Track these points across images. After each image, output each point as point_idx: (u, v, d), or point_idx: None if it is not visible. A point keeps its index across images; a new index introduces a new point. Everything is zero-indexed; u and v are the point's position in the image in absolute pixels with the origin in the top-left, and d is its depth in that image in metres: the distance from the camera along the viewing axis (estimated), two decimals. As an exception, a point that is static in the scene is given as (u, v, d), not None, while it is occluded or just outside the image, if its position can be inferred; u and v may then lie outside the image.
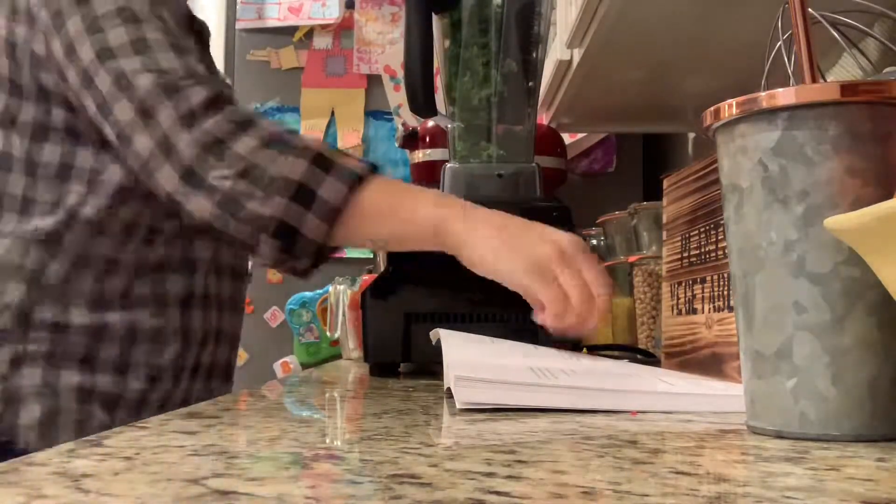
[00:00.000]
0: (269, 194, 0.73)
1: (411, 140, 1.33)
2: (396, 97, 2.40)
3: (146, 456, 0.35)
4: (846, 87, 0.40)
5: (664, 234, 0.79)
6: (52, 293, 0.86)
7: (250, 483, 0.30)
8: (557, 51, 1.19)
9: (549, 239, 0.72)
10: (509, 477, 0.31)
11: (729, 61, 1.03)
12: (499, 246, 0.72)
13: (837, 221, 0.36)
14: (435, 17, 0.94)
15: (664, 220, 0.79)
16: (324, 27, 2.48)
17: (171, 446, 0.37)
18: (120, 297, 0.89)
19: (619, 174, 1.69)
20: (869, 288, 0.39)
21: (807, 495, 0.28)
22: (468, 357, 0.64)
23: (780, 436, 0.41)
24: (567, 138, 1.50)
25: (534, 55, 0.97)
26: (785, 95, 0.40)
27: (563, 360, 0.67)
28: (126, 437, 0.40)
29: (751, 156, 0.42)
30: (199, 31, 0.94)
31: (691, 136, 1.55)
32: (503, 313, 0.86)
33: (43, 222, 0.86)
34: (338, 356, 1.57)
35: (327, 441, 0.41)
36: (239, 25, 2.45)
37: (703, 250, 0.68)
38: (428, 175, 1.30)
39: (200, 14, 1.08)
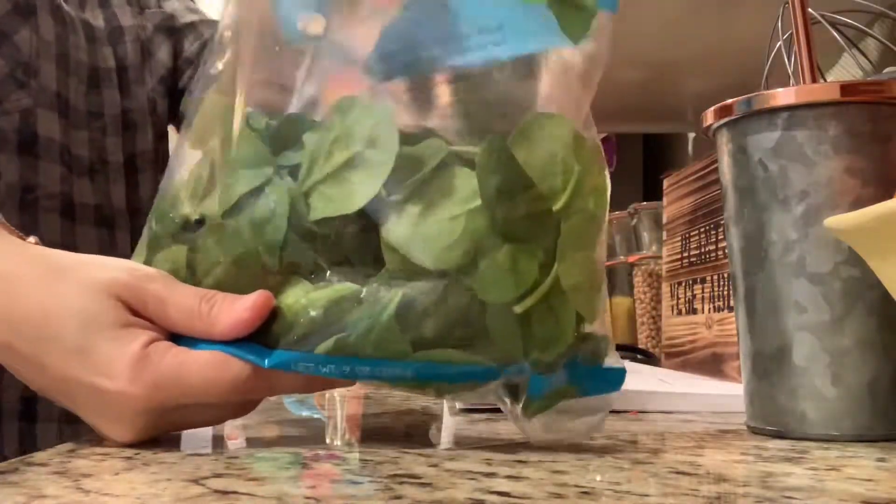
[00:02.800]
0: None
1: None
2: (396, 97, 2.39)
3: (146, 456, 0.35)
4: (846, 87, 0.40)
5: (664, 234, 0.79)
6: None
7: (250, 483, 0.30)
8: (557, 51, 1.19)
9: None
10: (509, 477, 0.31)
11: (729, 61, 1.03)
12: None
13: (837, 221, 0.36)
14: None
15: (664, 220, 0.79)
16: (324, 27, 2.47)
17: (171, 446, 0.37)
18: None
19: (619, 174, 1.68)
20: (869, 288, 0.39)
21: (807, 495, 0.28)
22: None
23: (780, 436, 0.41)
24: (567, 138, 1.50)
25: (534, 55, 0.97)
26: (785, 95, 0.40)
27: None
28: (126, 437, 0.40)
29: (751, 156, 0.42)
30: None
31: (691, 136, 1.55)
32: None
33: None
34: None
35: (327, 441, 0.41)
36: (239, 25, 2.45)
37: (703, 250, 0.68)
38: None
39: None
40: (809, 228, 0.40)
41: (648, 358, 0.91)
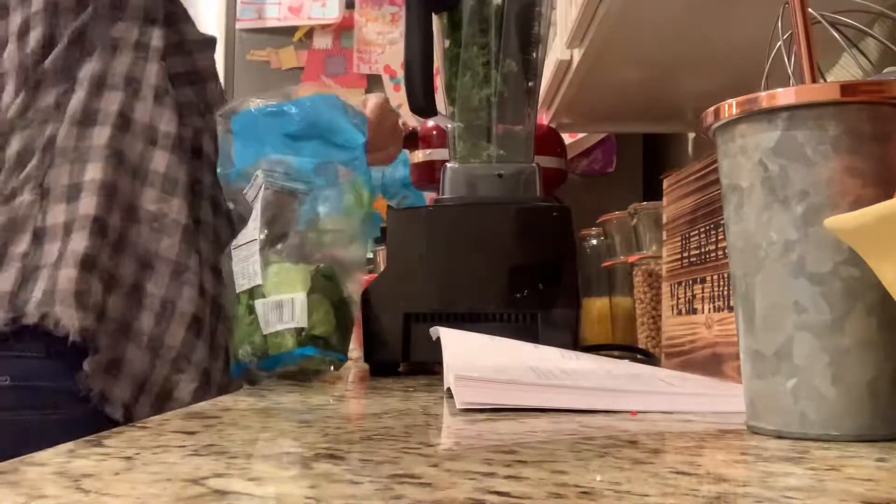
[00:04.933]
0: None
1: (411, 140, 1.33)
2: (396, 97, 2.40)
3: (146, 456, 0.35)
4: (846, 87, 0.40)
5: (664, 234, 0.79)
6: None
7: (250, 483, 0.30)
8: (557, 51, 1.19)
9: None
10: (509, 477, 0.31)
11: (729, 61, 1.03)
12: None
13: (837, 221, 0.36)
14: (435, 17, 0.94)
15: (664, 220, 0.79)
16: (324, 27, 2.48)
17: (171, 446, 0.37)
18: None
19: (619, 174, 1.68)
20: (869, 288, 0.39)
21: (807, 495, 0.28)
22: (468, 357, 0.64)
23: (780, 436, 0.41)
24: (567, 138, 1.50)
25: (534, 55, 0.97)
26: (785, 95, 0.40)
27: (563, 359, 0.67)
28: (126, 437, 0.40)
29: (751, 156, 0.42)
30: None
31: (691, 136, 1.55)
32: (503, 313, 0.86)
33: None
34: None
35: (327, 441, 0.41)
36: (239, 25, 2.45)
37: (703, 250, 0.68)
38: (428, 175, 1.29)
39: (201, 14, 1.09)
40: (809, 228, 0.40)
41: (648, 358, 0.91)
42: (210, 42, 1.05)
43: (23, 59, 0.92)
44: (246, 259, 0.83)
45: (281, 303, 0.79)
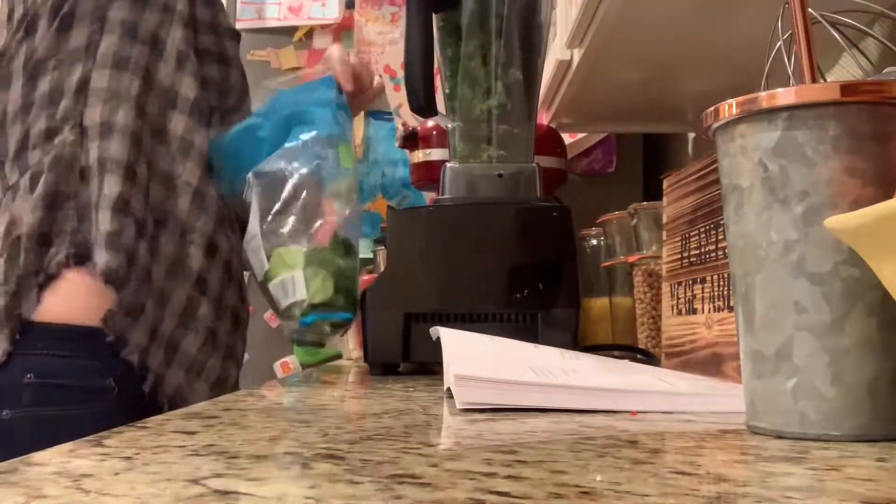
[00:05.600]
0: None
1: (411, 140, 1.33)
2: (396, 97, 2.40)
3: (146, 456, 0.35)
4: (846, 87, 0.40)
5: (664, 234, 0.79)
6: None
7: (250, 483, 0.30)
8: (557, 51, 1.19)
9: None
10: (509, 477, 0.31)
11: (729, 61, 1.03)
12: None
13: (837, 221, 0.36)
14: (436, 17, 0.94)
15: (664, 220, 0.79)
16: (324, 27, 2.48)
17: (171, 446, 0.37)
18: None
19: (619, 174, 1.68)
20: (869, 288, 0.39)
21: (807, 495, 0.28)
22: (468, 356, 0.64)
23: (780, 436, 0.41)
24: (567, 138, 1.50)
25: (534, 55, 0.97)
26: (785, 95, 0.40)
27: (563, 359, 0.67)
28: (126, 437, 0.40)
29: (751, 156, 0.42)
30: None
31: (691, 136, 1.55)
32: (503, 313, 0.86)
33: None
34: (338, 356, 1.57)
35: (327, 441, 0.41)
36: (239, 25, 2.45)
37: (703, 250, 0.68)
38: (428, 175, 1.29)
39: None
40: (809, 228, 0.40)
41: (648, 358, 0.91)
42: (237, 34, 1.11)
43: (55, 1, 0.93)
44: (255, 252, 0.93)
45: (283, 282, 0.89)
